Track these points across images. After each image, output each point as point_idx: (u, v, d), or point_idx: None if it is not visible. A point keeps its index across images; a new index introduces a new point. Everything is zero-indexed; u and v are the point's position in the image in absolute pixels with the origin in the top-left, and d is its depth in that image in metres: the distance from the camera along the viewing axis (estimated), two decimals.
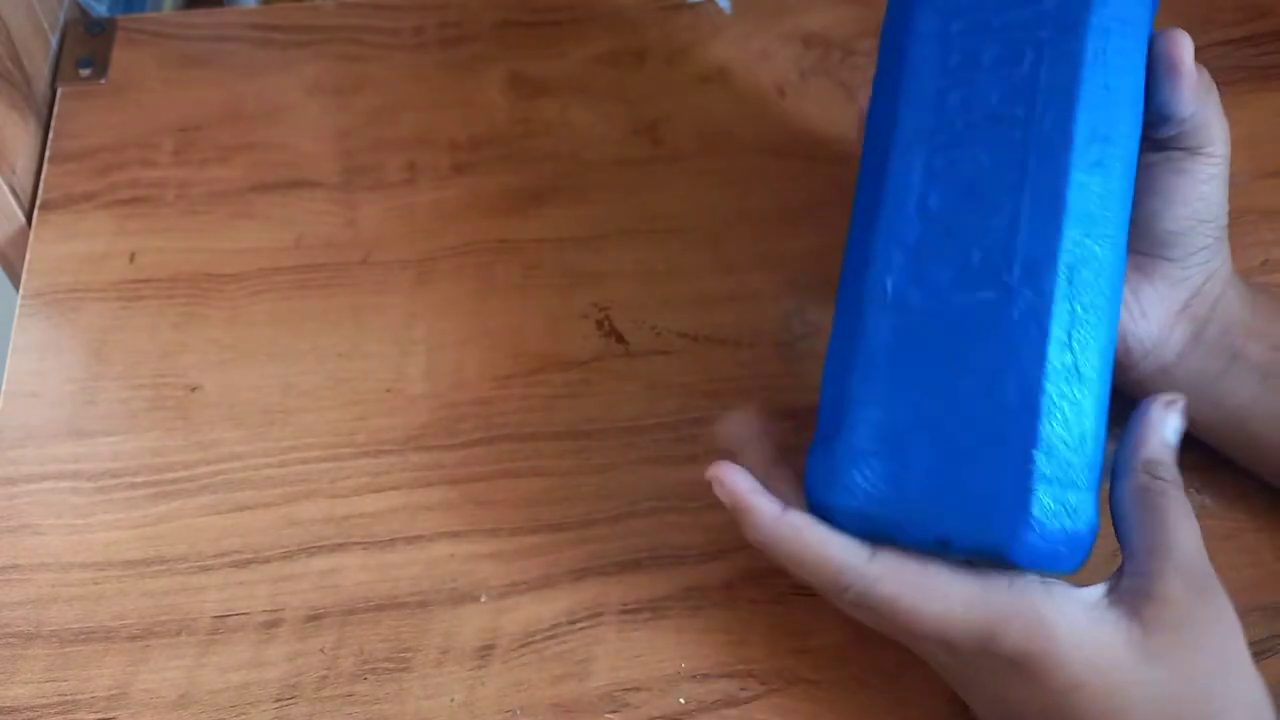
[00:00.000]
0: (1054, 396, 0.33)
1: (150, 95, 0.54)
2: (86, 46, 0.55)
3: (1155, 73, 0.37)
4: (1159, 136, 0.39)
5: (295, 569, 0.42)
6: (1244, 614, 0.42)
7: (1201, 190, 0.39)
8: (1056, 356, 0.33)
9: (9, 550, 0.42)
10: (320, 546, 0.42)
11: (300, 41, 0.56)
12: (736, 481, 0.35)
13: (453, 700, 0.39)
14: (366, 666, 0.40)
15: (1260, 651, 0.41)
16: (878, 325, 0.35)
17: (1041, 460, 0.33)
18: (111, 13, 0.58)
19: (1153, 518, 0.35)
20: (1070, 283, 0.34)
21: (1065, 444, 0.33)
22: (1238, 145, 0.54)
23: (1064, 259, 0.34)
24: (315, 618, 0.41)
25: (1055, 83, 0.35)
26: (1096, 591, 0.35)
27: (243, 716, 0.39)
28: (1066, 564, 0.34)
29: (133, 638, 0.40)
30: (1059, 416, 0.33)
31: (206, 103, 0.54)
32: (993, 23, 0.36)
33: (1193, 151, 0.39)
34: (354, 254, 0.49)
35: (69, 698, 0.39)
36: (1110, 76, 0.35)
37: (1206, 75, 0.38)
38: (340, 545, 0.42)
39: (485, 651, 0.40)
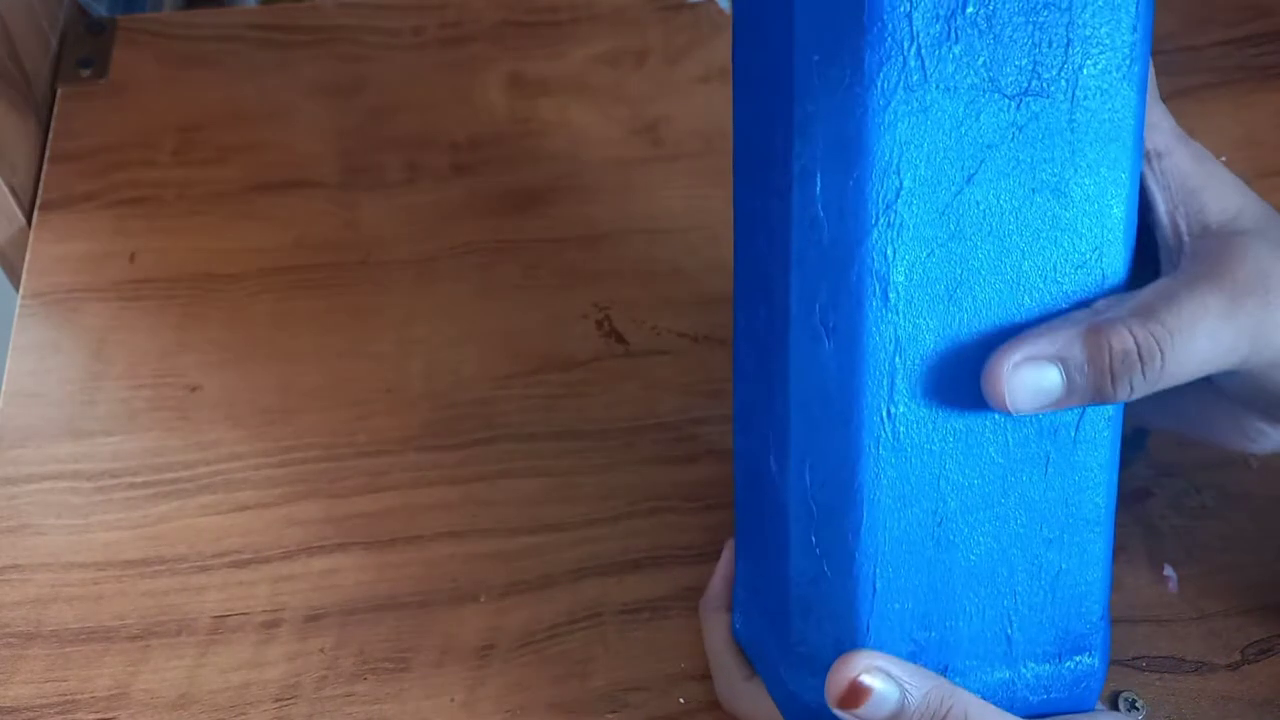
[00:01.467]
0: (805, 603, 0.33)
1: (150, 95, 0.54)
2: (86, 46, 0.55)
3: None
4: None
5: (295, 569, 0.42)
6: (1244, 614, 0.42)
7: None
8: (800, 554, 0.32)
9: (9, 550, 0.42)
10: (320, 546, 0.42)
11: (300, 41, 0.56)
12: (724, 558, 0.39)
13: (453, 700, 0.39)
14: (366, 666, 0.40)
15: (1259, 652, 0.41)
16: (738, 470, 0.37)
17: (799, 634, 0.33)
18: (111, 13, 0.58)
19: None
20: (812, 482, 0.32)
21: (824, 619, 0.32)
22: (1238, 145, 0.55)
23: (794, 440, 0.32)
24: (315, 618, 0.41)
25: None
26: None
27: (242, 716, 0.39)
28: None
29: (133, 638, 0.40)
30: (807, 592, 0.33)
31: (206, 103, 0.54)
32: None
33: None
34: (354, 254, 0.49)
35: (69, 697, 0.39)
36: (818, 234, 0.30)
37: None
38: (340, 545, 0.42)
39: (485, 651, 0.40)
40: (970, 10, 0.28)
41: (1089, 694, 0.34)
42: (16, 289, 0.49)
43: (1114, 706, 0.40)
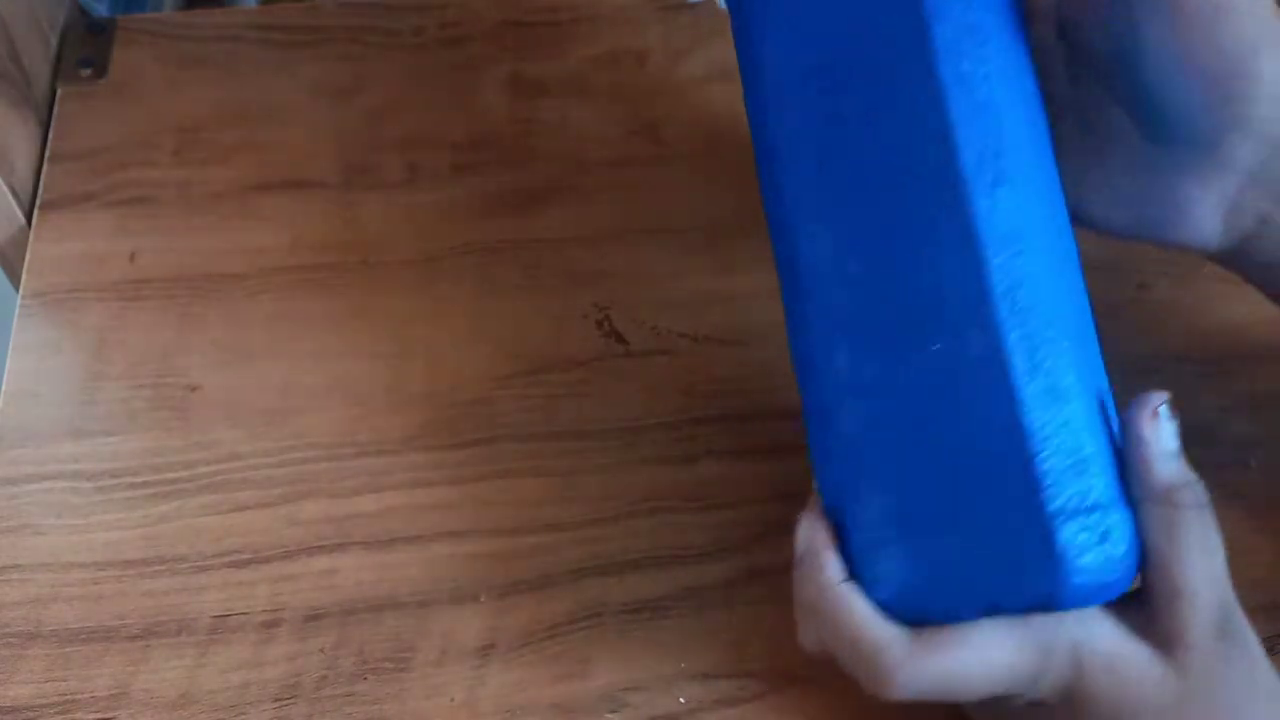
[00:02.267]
0: (1040, 428, 0.32)
1: (150, 95, 0.54)
2: (87, 46, 0.55)
3: None
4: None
5: (295, 569, 0.42)
6: (1245, 613, 0.42)
7: (1187, 41, 0.33)
8: (1027, 387, 0.32)
9: (9, 550, 0.42)
10: (320, 546, 0.42)
11: (300, 41, 0.56)
12: (817, 528, 0.34)
13: (453, 700, 0.39)
14: (366, 666, 0.40)
15: None
16: (845, 412, 0.34)
17: (1052, 500, 0.31)
18: (112, 13, 0.58)
19: (1173, 553, 0.33)
20: (1014, 308, 0.32)
21: (1072, 471, 0.32)
22: None
23: (997, 288, 0.32)
24: (315, 617, 0.41)
25: (923, 120, 0.33)
26: (1125, 625, 0.33)
27: (242, 716, 0.39)
28: (1120, 587, 0.33)
29: (132, 637, 0.40)
30: (1053, 447, 0.32)
31: (206, 103, 0.54)
32: (844, 73, 0.34)
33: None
34: (354, 254, 0.49)
35: (69, 697, 0.39)
36: (978, 90, 0.33)
37: None
38: (340, 545, 0.42)
39: (485, 651, 0.40)
40: None
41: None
42: (16, 289, 0.49)
43: None
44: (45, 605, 0.41)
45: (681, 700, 0.40)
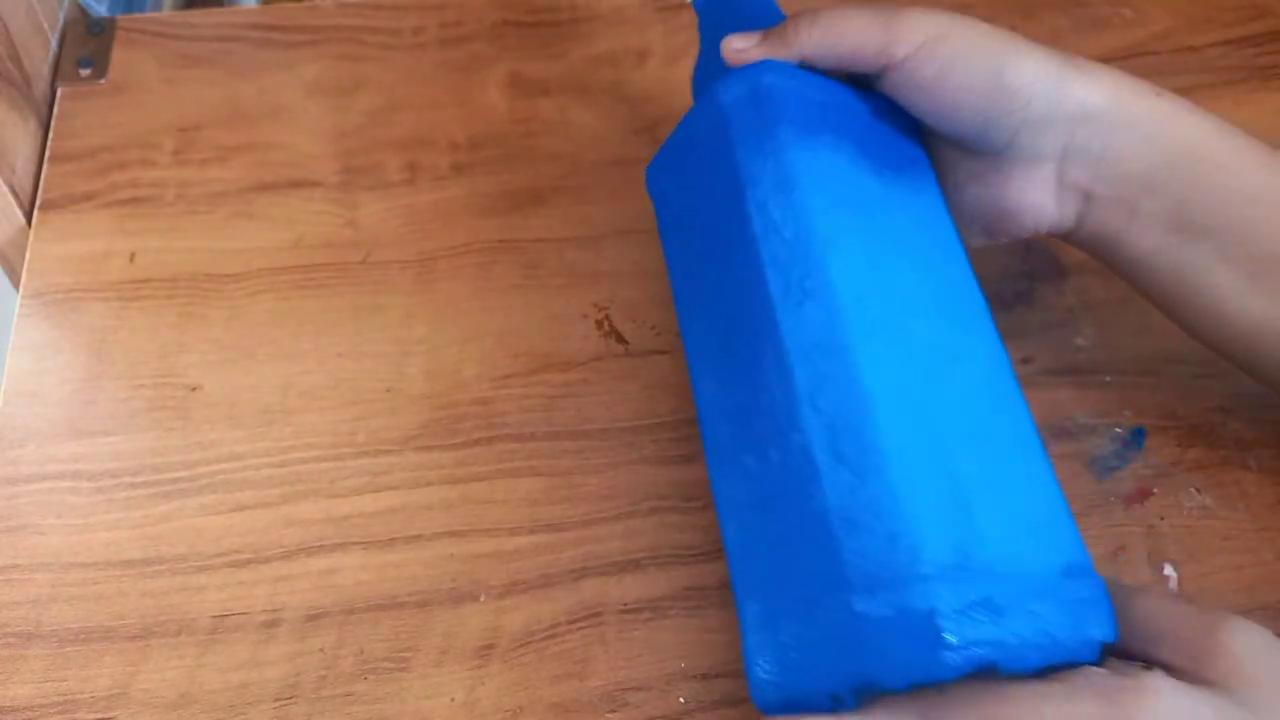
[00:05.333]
0: (848, 517, 0.33)
1: (150, 95, 0.54)
2: (86, 46, 0.55)
3: None
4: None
5: (295, 569, 0.42)
6: (1245, 614, 0.42)
7: (939, 92, 0.39)
8: (829, 476, 0.33)
9: (9, 550, 0.42)
10: (320, 546, 0.42)
11: (300, 41, 0.56)
12: None
13: (453, 700, 0.39)
14: (366, 666, 0.40)
15: None
16: (726, 519, 0.37)
17: (852, 574, 0.32)
18: (111, 13, 0.58)
19: (1179, 605, 0.34)
20: (816, 409, 0.34)
21: (879, 553, 0.32)
22: None
23: (802, 393, 0.35)
24: (315, 617, 0.41)
25: (745, 265, 0.38)
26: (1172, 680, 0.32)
27: (242, 716, 0.39)
28: (1026, 653, 0.32)
29: (132, 637, 0.40)
30: (863, 535, 0.32)
31: (206, 103, 0.54)
32: (695, 220, 0.41)
33: (888, 69, 0.40)
34: (354, 254, 0.49)
35: (68, 697, 0.39)
36: (783, 224, 0.37)
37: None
38: (340, 545, 0.42)
39: (485, 651, 0.40)
40: None
41: (1105, 616, 0.33)
42: (16, 289, 0.49)
43: None
44: (45, 605, 0.41)
45: (681, 700, 0.40)
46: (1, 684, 0.39)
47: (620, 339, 0.48)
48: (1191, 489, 0.45)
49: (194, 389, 0.46)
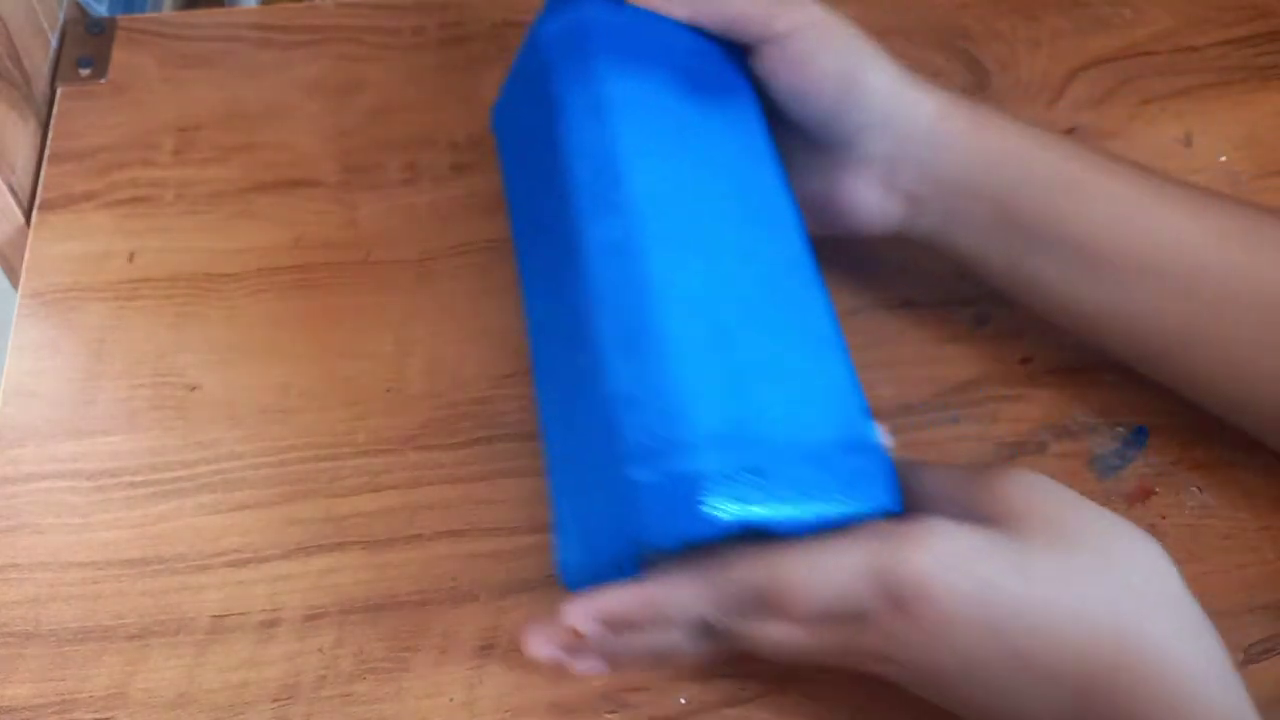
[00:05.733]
0: (630, 396, 0.35)
1: (150, 95, 0.54)
2: (86, 46, 0.55)
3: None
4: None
5: (294, 568, 0.42)
6: (1245, 613, 0.42)
7: (802, 73, 0.42)
8: (615, 368, 0.36)
9: (8, 549, 0.42)
10: (319, 546, 0.42)
11: (300, 41, 0.56)
12: (550, 639, 0.36)
13: (452, 700, 0.39)
14: (365, 666, 0.40)
15: (1261, 651, 0.41)
16: (546, 427, 0.41)
17: (630, 447, 0.35)
18: (111, 12, 0.58)
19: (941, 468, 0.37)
20: (610, 307, 0.37)
21: (654, 426, 0.34)
22: (1238, 145, 0.54)
23: (597, 294, 0.37)
24: (314, 617, 0.41)
25: (559, 180, 0.40)
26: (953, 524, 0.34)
27: (241, 716, 0.39)
28: (701, 521, 0.33)
29: (131, 637, 0.40)
30: (639, 410, 0.35)
31: (206, 103, 0.54)
32: (524, 153, 0.44)
33: (765, 42, 0.42)
34: (354, 254, 0.49)
35: (67, 697, 0.39)
36: (592, 146, 0.40)
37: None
38: (339, 545, 0.42)
39: (485, 651, 0.40)
40: None
41: (880, 485, 0.36)
42: (16, 288, 0.49)
43: None
44: (44, 605, 0.41)
45: (682, 700, 0.40)
46: (0, 683, 0.39)
47: None
48: (1193, 488, 0.45)
49: (193, 389, 0.46)
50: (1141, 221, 0.40)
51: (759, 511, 0.34)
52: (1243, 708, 0.33)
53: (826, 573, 0.33)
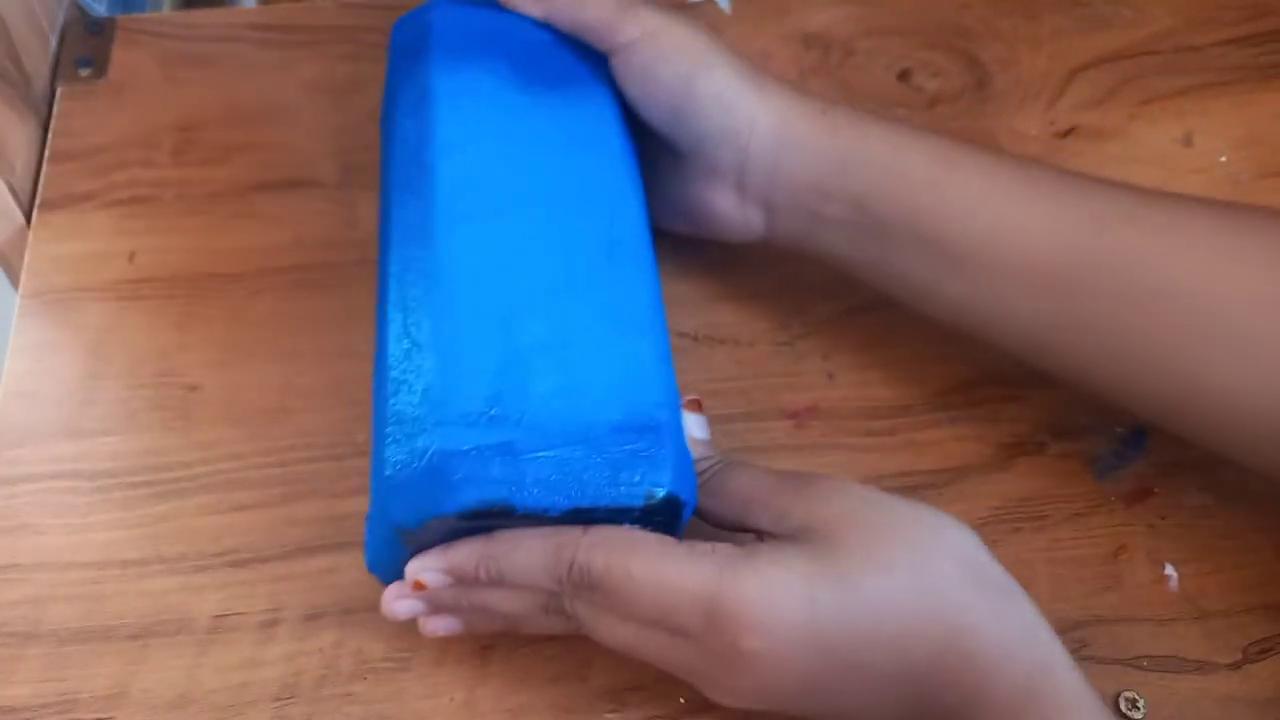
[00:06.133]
0: (399, 379, 0.36)
1: (150, 95, 0.54)
2: (86, 46, 0.55)
3: None
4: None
5: (294, 568, 0.42)
6: (1245, 613, 0.42)
7: (643, 84, 0.42)
8: (395, 350, 0.37)
9: (8, 550, 0.42)
10: (319, 546, 0.42)
11: (300, 41, 0.56)
12: (400, 593, 0.37)
13: (452, 700, 0.39)
14: (365, 666, 0.40)
15: (1261, 651, 0.41)
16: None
17: (393, 430, 0.36)
18: (111, 13, 0.58)
19: (737, 486, 0.37)
20: (400, 289, 0.38)
21: (412, 407, 0.35)
22: (1238, 145, 0.54)
23: (392, 276, 0.39)
24: (314, 617, 0.41)
25: (390, 168, 0.42)
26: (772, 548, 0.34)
27: (241, 716, 0.39)
28: (453, 495, 0.34)
29: (131, 637, 0.40)
30: (404, 393, 0.36)
31: (206, 103, 0.54)
32: (384, 143, 0.45)
33: (611, 53, 0.43)
34: (354, 254, 0.49)
35: (67, 697, 0.39)
36: (413, 136, 0.42)
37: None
38: (339, 545, 0.42)
39: (485, 651, 0.40)
40: None
41: (660, 469, 0.35)
42: (15, 288, 0.49)
43: (1114, 705, 0.40)
44: (44, 605, 0.41)
45: (681, 700, 0.40)
46: (0, 684, 0.39)
47: None
48: (1192, 488, 0.45)
49: (193, 389, 0.46)
50: (999, 216, 0.40)
51: (502, 491, 0.34)
52: (1052, 661, 0.33)
53: (662, 581, 0.33)
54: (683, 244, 0.50)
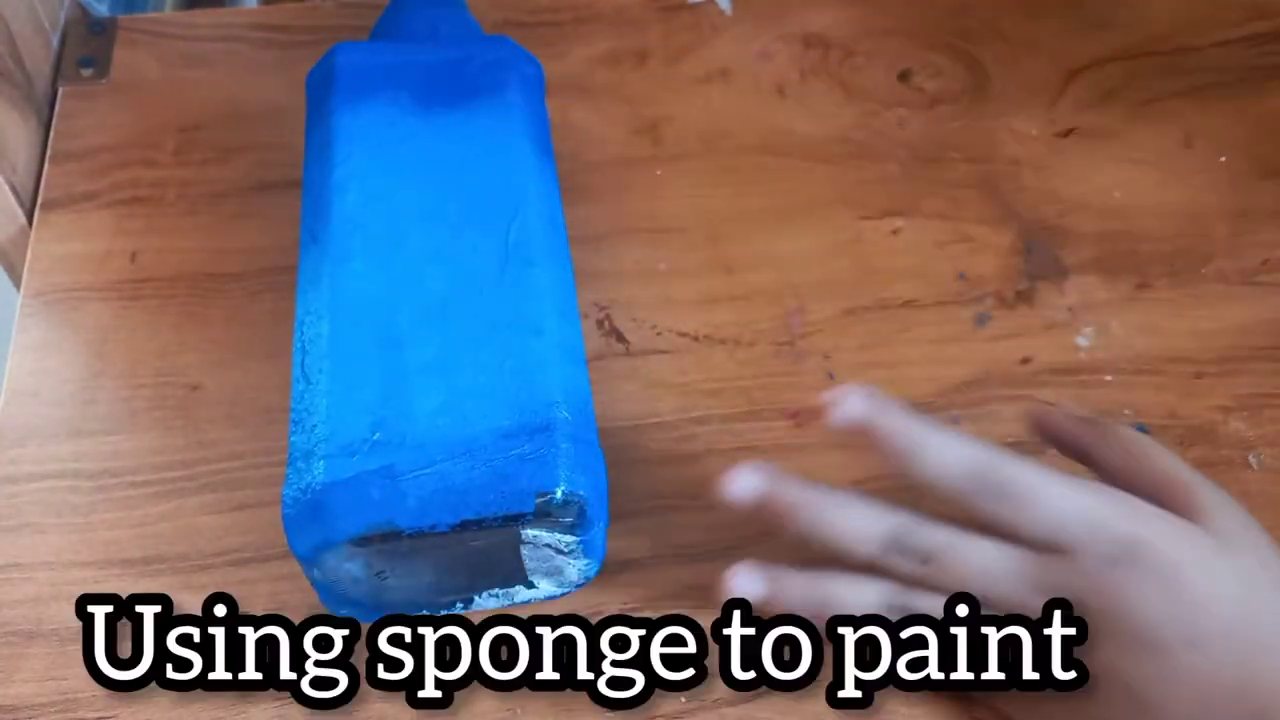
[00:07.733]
0: (296, 420, 0.38)
1: (151, 95, 0.54)
2: (88, 46, 0.55)
3: None
4: None
5: (295, 568, 0.42)
6: None
7: None
8: (296, 391, 0.38)
9: (9, 549, 0.42)
10: None
11: (300, 41, 0.56)
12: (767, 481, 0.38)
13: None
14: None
15: None
16: None
17: (289, 469, 0.37)
18: (113, 12, 0.58)
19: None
20: (300, 333, 0.40)
21: (305, 444, 0.37)
22: (1238, 145, 0.54)
23: (297, 320, 0.40)
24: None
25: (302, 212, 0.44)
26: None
27: (243, 715, 0.39)
28: (343, 522, 0.35)
29: None
30: (299, 431, 0.37)
31: (207, 103, 0.54)
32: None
33: None
34: None
35: (69, 696, 0.39)
36: (315, 180, 0.43)
37: None
38: None
39: None
40: None
41: (550, 469, 0.35)
42: (17, 288, 0.49)
43: None
44: (45, 604, 0.41)
45: (682, 700, 0.40)
46: (2, 683, 0.39)
47: (620, 338, 0.48)
48: None
49: (194, 388, 0.46)
50: None
51: (384, 513, 0.35)
52: None
53: (1078, 494, 0.35)
54: (683, 243, 0.50)
